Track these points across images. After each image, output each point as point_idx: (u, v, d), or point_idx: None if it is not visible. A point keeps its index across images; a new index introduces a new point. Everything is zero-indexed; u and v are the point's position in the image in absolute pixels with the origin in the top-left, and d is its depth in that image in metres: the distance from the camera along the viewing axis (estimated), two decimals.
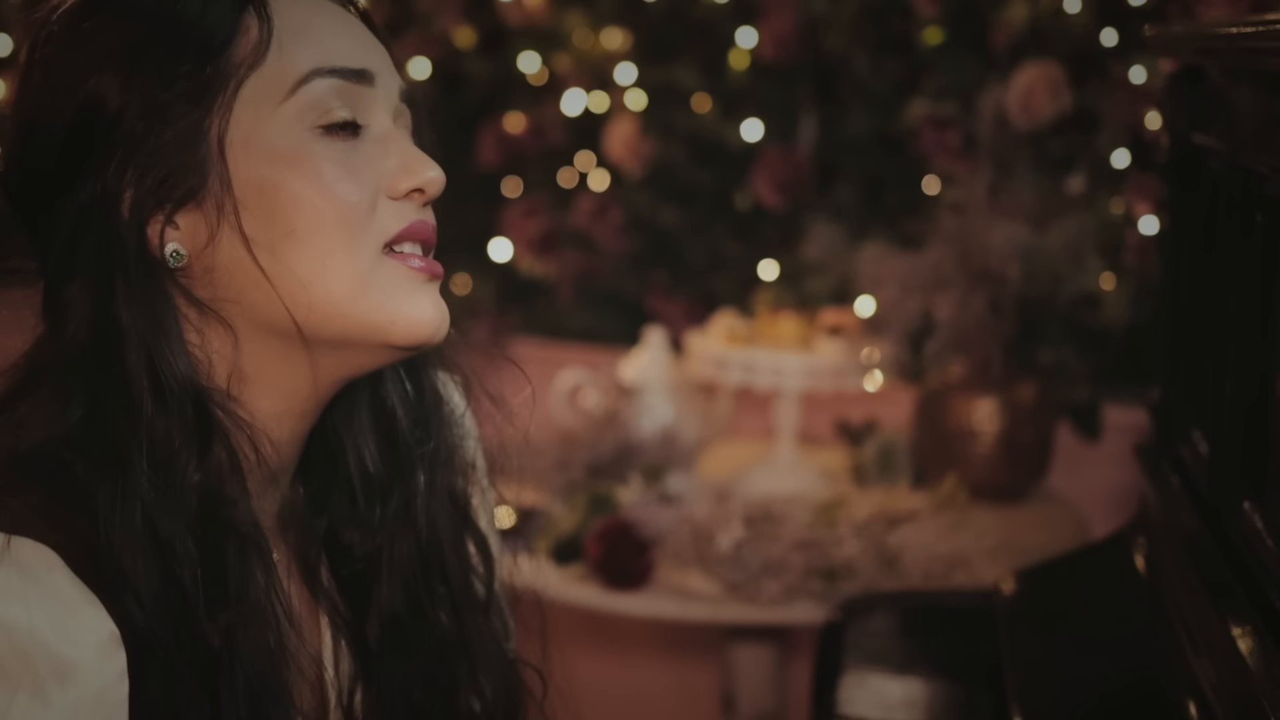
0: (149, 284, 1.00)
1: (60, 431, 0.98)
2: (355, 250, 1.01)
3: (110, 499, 0.96)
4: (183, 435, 0.99)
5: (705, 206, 3.10)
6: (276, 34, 1.01)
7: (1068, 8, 2.72)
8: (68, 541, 0.94)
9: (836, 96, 2.98)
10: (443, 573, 1.16)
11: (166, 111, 0.99)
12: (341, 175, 1.01)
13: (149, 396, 0.98)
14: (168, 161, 0.99)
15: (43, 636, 0.91)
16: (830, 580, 2.19)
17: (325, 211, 1.00)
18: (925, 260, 2.55)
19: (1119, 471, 2.52)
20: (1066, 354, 2.68)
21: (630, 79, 3.07)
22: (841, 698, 1.76)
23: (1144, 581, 1.50)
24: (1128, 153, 2.68)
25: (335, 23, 1.05)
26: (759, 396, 2.80)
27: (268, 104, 1.01)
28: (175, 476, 0.98)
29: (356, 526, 1.13)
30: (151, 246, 1.00)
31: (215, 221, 1.00)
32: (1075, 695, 1.41)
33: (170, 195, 1.00)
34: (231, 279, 1.01)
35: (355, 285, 1.01)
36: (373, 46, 1.07)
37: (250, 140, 1.00)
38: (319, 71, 1.01)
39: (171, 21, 1.00)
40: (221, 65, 1.00)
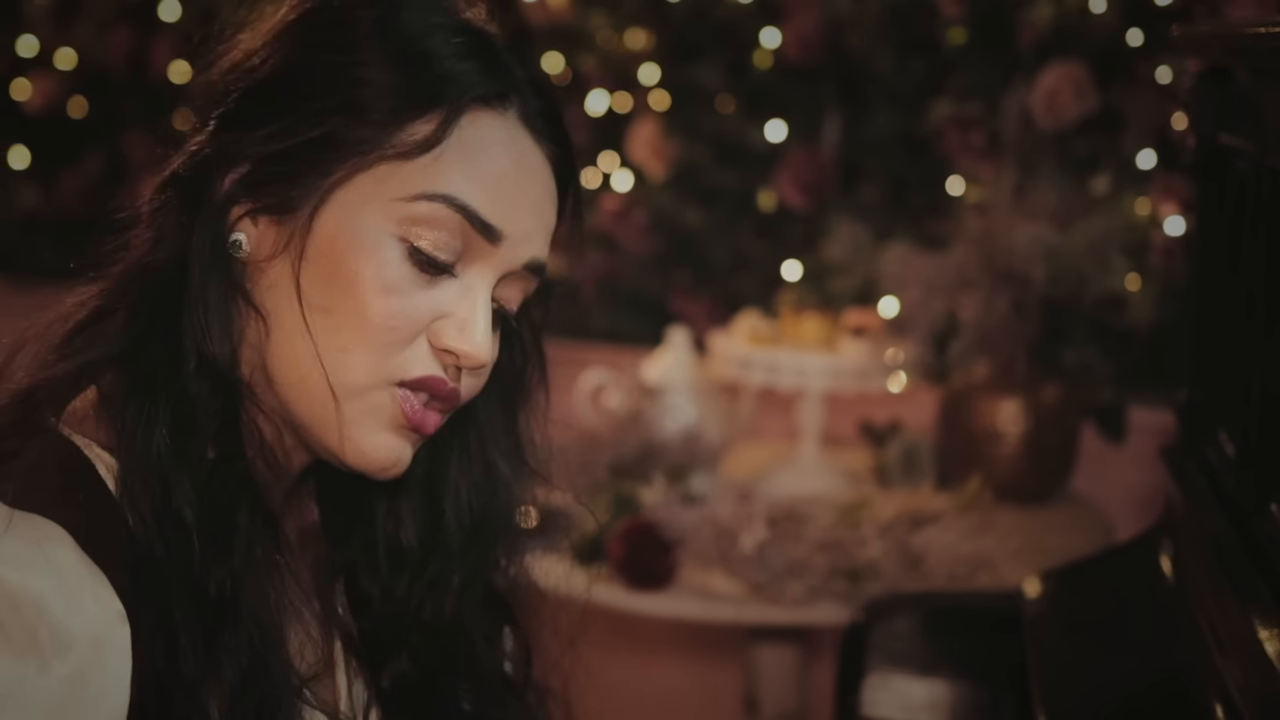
0: (218, 251, 1.02)
1: (113, 351, 1.02)
2: (369, 368, 1.01)
3: (132, 424, 0.98)
4: (209, 403, 1.01)
5: (729, 207, 3.10)
6: (443, 146, 1.01)
7: (1093, 8, 2.72)
8: (74, 516, 0.95)
9: (860, 97, 2.98)
10: (467, 662, 1.15)
11: (326, 130, 1.01)
12: (401, 300, 1.00)
13: (192, 358, 1.01)
14: (284, 171, 1.01)
15: (49, 607, 0.92)
16: (854, 581, 2.19)
17: (367, 317, 1.00)
18: (949, 261, 2.55)
19: (1144, 473, 2.51)
20: (1091, 355, 2.67)
21: (654, 79, 3.07)
22: (865, 699, 1.76)
23: (1170, 583, 1.49)
24: (1153, 153, 2.67)
25: (511, 171, 1.04)
26: (782, 397, 2.80)
27: (388, 193, 1.01)
28: (194, 436, 1.00)
29: (377, 583, 1.13)
30: (227, 223, 1.02)
31: (280, 248, 1.01)
32: (1100, 697, 1.40)
33: (264, 198, 1.02)
34: (268, 296, 1.02)
35: (345, 392, 1.01)
36: (531, 211, 1.05)
37: (350, 209, 1.01)
38: (450, 200, 1.01)
39: (399, 62, 1.02)
40: (384, 134, 1.01)
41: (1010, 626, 1.62)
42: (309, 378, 1.01)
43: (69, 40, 3.64)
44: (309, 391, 1.02)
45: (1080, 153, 2.74)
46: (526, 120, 1.05)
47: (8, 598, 0.91)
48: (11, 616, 0.91)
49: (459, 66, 1.03)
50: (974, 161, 2.78)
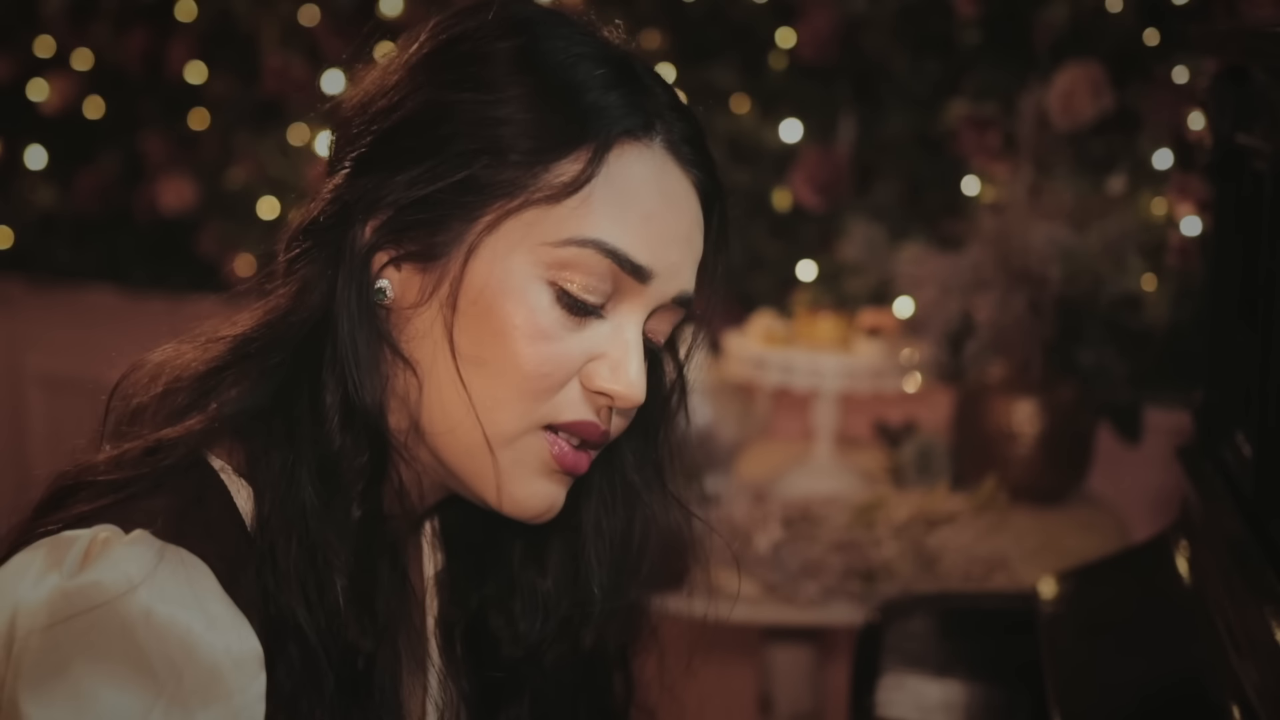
0: (363, 300, 1.00)
1: (249, 407, 0.99)
2: (521, 415, 1.00)
3: (277, 475, 0.97)
4: (356, 458, 0.99)
5: (743, 207, 3.09)
6: (593, 185, 0.98)
7: (1109, 7, 2.71)
8: (216, 554, 0.94)
9: (875, 96, 2.97)
10: (590, 699, 1.14)
11: (470, 173, 0.98)
12: (554, 346, 0.99)
13: (337, 412, 0.99)
14: (427, 217, 0.99)
15: (192, 646, 0.90)
16: (869, 582, 2.19)
17: (518, 366, 0.98)
18: (965, 261, 2.55)
19: (1160, 474, 2.51)
20: (1107, 355, 2.67)
21: (668, 79, 3.06)
22: (880, 699, 1.75)
23: (1186, 584, 1.49)
24: (1170, 153, 2.67)
25: (660, 205, 1.01)
26: (797, 397, 2.80)
27: (536, 238, 0.98)
28: (340, 492, 0.98)
29: (508, 625, 1.12)
30: (371, 270, 1.00)
31: (428, 295, 0.99)
32: (1116, 698, 1.40)
33: (409, 244, 0.99)
34: (417, 347, 1.00)
35: (498, 441, 1.00)
36: (682, 243, 1.03)
37: (499, 255, 0.98)
38: (600, 245, 0.99)
39: (544, 97, 0.99)
40: (530, 175, 0.98)
41: (1026, 627, 1.62)
42: (460, 428, 1.00)
43: (85, 41, 3.64)
44: (461, 442, 1.00)
45: (1096, 153, 2.74)
46: (672, 148, 1.03)
47: (157, 636, 0.90)
48: (159, 657, 0.90)
49: (605, 99, 1.00)
50: (989, 161, 2.78)
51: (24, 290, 3.81)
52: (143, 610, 0.90)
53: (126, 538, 0.92)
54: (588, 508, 1.11)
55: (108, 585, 0.90)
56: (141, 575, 0.90)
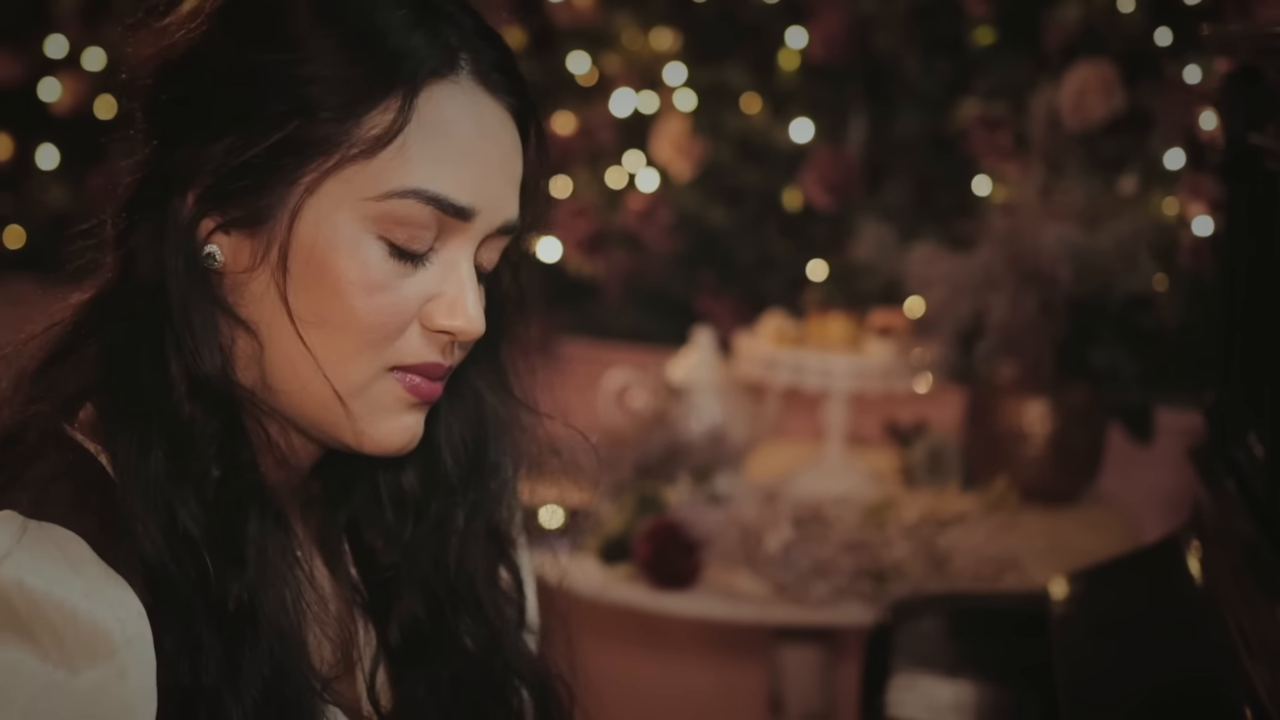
0: (192, 270, 1.00)
1: (97, 387, 1.00)
2: (367, 364, 1.01)
3: (128, 458, 0.97)
4: (206, 422, 1.00)
5: (754, 207, 3.10)
6: (406, 132, 0.99)
7: (1121, 7, 2.71)
8: (89, 523, 0.95)
9: (887, 96, 2.97)
10: (472, 601, 1.15)
11: (273, 137, 0.98)
12: (389, 295, 1.00)
13: (181, 379, 0.99)
14: (247, 182, 0.99)
15: (73, 609, 0.92)
16: (879, 582, 2.19)
17: (358, 320, 1.00)
18: (975, 261, 2.54)
19: (1171, 475, 2.50)
20: (1118, 356, 2.66)
21: (679, 79, 3.07)
22: (890, 700, 1.75)
23: (1198, 585, 1.49)
24: (1181, 153, 2.66)
25: (475, 140, 1.02)
26: (807, 397, 2.80)
27: (357, 193, 0.99)
28: (192, 454, 0.99)
29: (381, 533, 1.14)
30: (198, 239, 1.01)
31: (259, 259, 1.00)
32: (1127, 699, 1.39)
33: (228, 211, 1.00)
34: (256, 310, 1.01)
35: (348, 392, 1.02)
36: (500, 171, 1.03)
37: (323, 214, 0.99)
38: (420, 194, 0.99)
39: (350, 48, 0.99)
40: (343, 130, 0.99)
41: (1036, 628, 1.62)
42: (310, 384, 1.01)
43: (97, 40, 3.65)
44: (313, 397, 1.02)
45: (1108, 152, 2.73)
46: (482, 78, 1.02)
47: (32, 603, 0.91)
48: (38, 622, 0.91)
49: (408, 42, 1.00)
50: (1000, 161, 2.77)
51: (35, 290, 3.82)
52: (14, 583, 0.91)
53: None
54: (438, 412, 1.13)
55: None
56: (6, 551, 0.92)
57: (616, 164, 3.15)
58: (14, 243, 3.82)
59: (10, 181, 3.82)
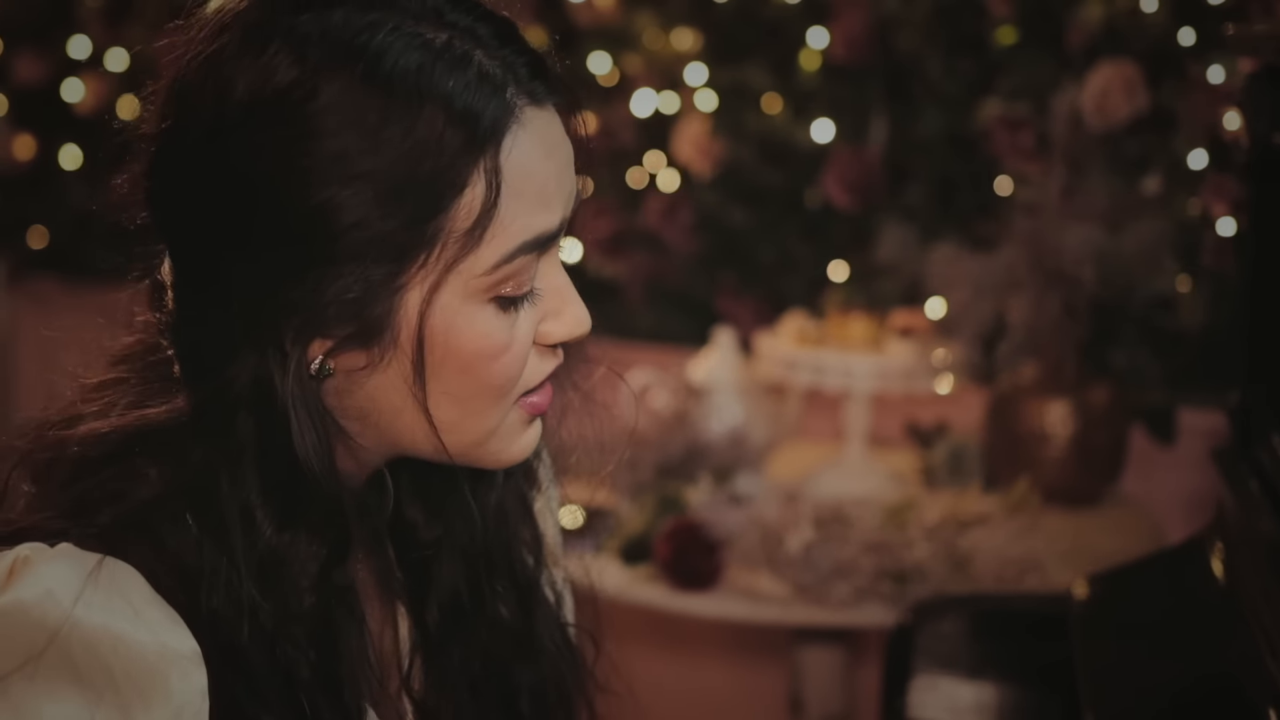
0: (309, 399, 0.96)
1: (168, 502, 0.96)
2: (498, 410, 1.01)
3: (214, 580, 0.95)
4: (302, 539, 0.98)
5: (775, 207, 3.09)
6: (499, 204, 0.94)
7: (1144, 7, 2.70)
8: (147, 556, 0.94)
9: (908, 96, 2.96)
10: (506, 563, 1.15)
11: (366, 261, 0.92)
12: (510, 350, 0.98)
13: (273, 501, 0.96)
14: (348, 305, 0.93)
15: (125, 650, 0.90)
16: (900, 583, 2.18)
17: (491, 386, 0.99)
18: (997, 262, 2.54)
19: (1194, 476, 2.49)
20: (1141, 357, 2.66)
21: (700, 79, 3.07)
22: (911, 701, 1.75)
23: (1221, 587, 1.48)
24: (1205, 153, 2.65)
25: (548, 162, 0.97)
26: (828, 398, 2.79)
27: (467, 276, 0.95)
28: (287, 576, 0.97)
29: (421, 507, 1.13)
30: (307, 363, 0.96)
31: (378, 360, 0.96)
32: (1150, 701, 1.39)
33: (334, 333, 0.95)
34: (375, 407, 0.99)
35: (484, 435, 1.02)
36: (566, 175, 0.99)
37: (440, 311, 0.95)
38: (523, 249, 0.96)
39: (416, 144, 0.91)
40: (435, 226, 0.93)
41: (1059, 629, 1.61)
42: (446, 445, 1.00)
43: (120, 41, 3.67)
44: (449, 445, 1.00)
45: (1130, 153, 2.72)
46: (531, 98, 0.97)
47: (85, 641, 0.90)
48: (90, 658, 0.90)
49: (470, 108, 0.93)
50: (1023, 162, 2.76)
51: (59, 290, 3.84)
52: (69, 622, 0.89)
53: (49, 553, 0.92)
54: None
55: (29, 602, 0.90)
56: (63, 587, 0.90)
57: (637, 164, 3.15)
58: (37, 243, 3.84)
59: (33, 182, 3.83)
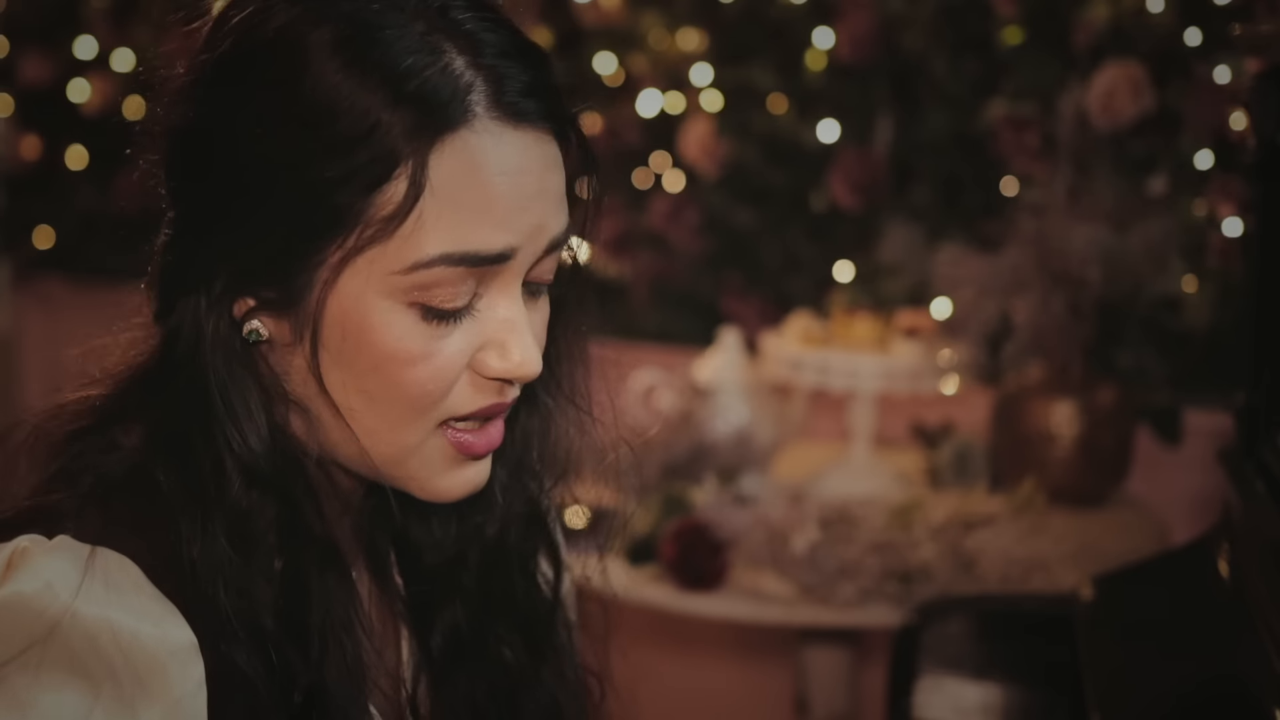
0: (232, 350, 0.98)
1: (150, 457, 0.98)
2: (416, 427, 0.98)
3: (192, 527, 0.96)
4: (263, 505, 0.98)
5: (781, 207, 3.09)
6: (420, 204, 0.92)
7: (1150, 7, 2.69)
8: (148, 551, 0.94)
9: (914, 97, 2.96)
10: (510, 600, 1.15)
11: (291, 223, 0.94)
12: (429, 363, 0.96)
13: (236, 464, 0.98)
14: (275, 264, 0.95)
15: (125, 643, 0.91)
16: (906, 583, 2.18)
17: (402, 392, 0.97)
18: (1003, 262, 2.53)
19: (1200, 477, 2.49)
20: (1147, 357, 2.65)
21: (706, 80, 3.07)
22: (917, 701, 1.75)
23: (1228, 588, 1.48)
24: (1211, 154, 2.65)
25: (504, 182, 0.94)
26: (834, 398, 2.79)
27: (382, 269, 0.94)
28: (255, 532, 0.98)
29: (428, 532, 1.13)
30: (234, 316, 0.98)
31: (300, 337, 0.97)
32: (1156, 703, 1.39)
33: (261, 293, 0.97)
34: (304, 384, 0.99)
35: (401, 453, 0.99)
36: (535, 204, 0.96)
37: (353, 296, 0.95)
38: (447, 258, 0.93)
39: (344, 133, 0.92)
40: (353, 212, 0.93)
41: (1064, 630, 1.61)
42: (365, 452, 0.99)
43: (126, 41, 3.67)
44: (370, 461, 1.00)
45: (1136, 153, 2.72)
46: (505, 112, 0.94)
47: (85, 633, 0.90)
48: (90, 650, 0.90)
49: (416, 99, 0.92)
50: (1029, 162, 2.76)
51: (65, 289, 3.84)
52: (69, 614, 0.90)
53: (48, 545, 0.93)
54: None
55: (29, 595, 0.90)
56: (62, 580, 0.91)
57: (643, 164, 3.15)
58: (43, 243, 3.84)
59: (40, 182, 3.84)
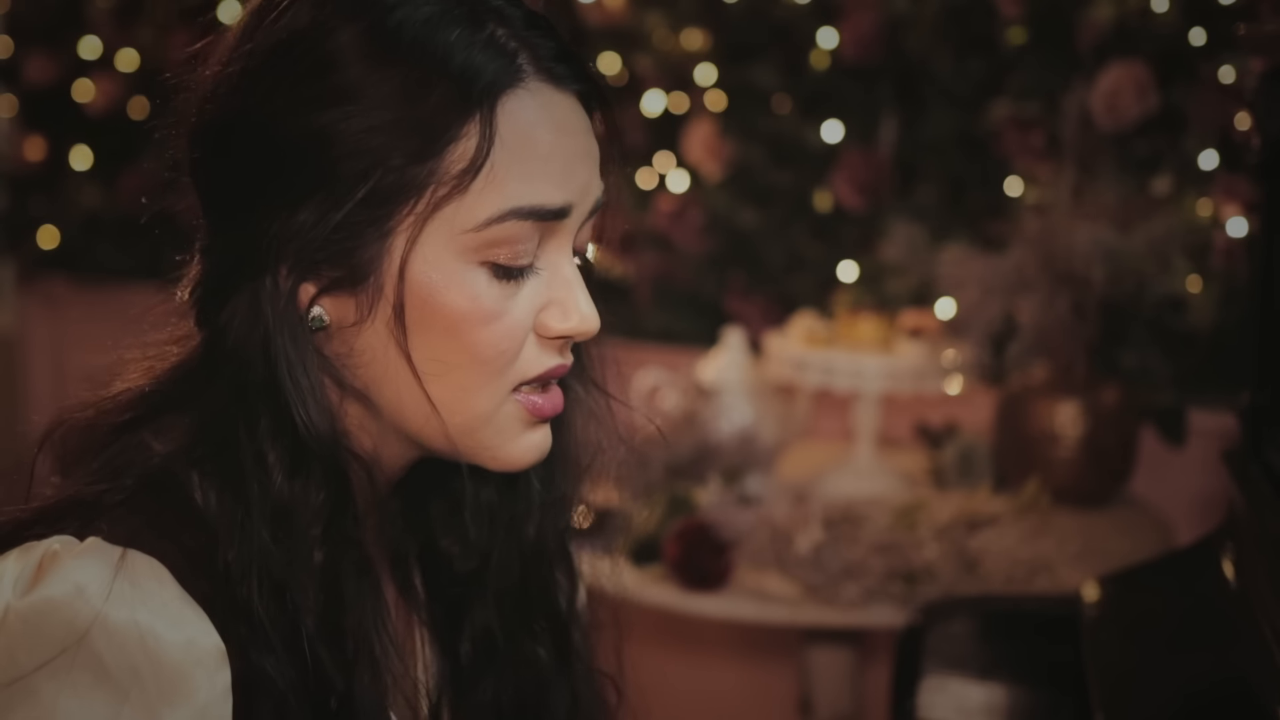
0: (298, 339, 0.98)
1: (191, 452, 0.98)
2: (491, 392, 1.00)
3: (230, 525, 0.96)
4: (312, 491, 0.98)
5: (784, 207, 3.09)
6: (492, 157, 0.95)
7: (1155, 7, 2.69)
8: (175, 552, 0.94)
9: (918, 97, 2.96)
10: (544, 602, 1.15)
11: (357, 194, 0.95)
12: (502, 321, 0.98)
13: (285, 447, 0.97)
14: (339, 243, 0.96)
15: (152, 648, 0.90)
16: (910, 584, 2.18)
17: (479, 354, 0.98)
18: (1007, 262, 2.53)
19: (1204, 477, 2.49)
20: (1151, 357, 2.65)
21: (710, 80, 3.07)
22: (921, 702, 1.75)
23: (1232, 588, 1.48)
24: (1215, 153, 2.65)
25: (555, 140, 0.98)
26: (838, 398, 2.79)
27: (456, 228, 0.96)
28: (297, 526, 0.97)
29: (457, 540, 1.13)
30: (299, 303, 0.98)
31: (367, 313, 0.97)
32: (1160, 702, 1.39)
33: (326, 274, 0.97)
34: (371, 365, 0.99)
35: (476, 421, 1.00)
36: (584, 159, 1.01)
37: (429, 261, 0.96)
38: (518, 212, 0.96)
39: (418, 87, 0.95)
40: (427, 171, 0.95)
41: (1069, 630, 1.61)
42: (437, 424, 1.00)
43: (131, 41, 3.67)
44: (441, 432, 1.00)
45: (1141, 153, 2.72)
46: (546, 74, 0.99)
47: (111, 638, 0.90)
48: (116, 656, 0.90)
49: (471, 62, 0.95)
50: (1033, 162, 2.76)
51: (69, 289, 3.85)
52: (96, 619, 0.90)
53: (79, 547, 0.93)
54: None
55: (58, 599, 0.90)
56: (93, 584, 0.90)
57: (647, 165, 3.15)
58: (48, 243, 3.85)
59: (44, 182, 3.84)
